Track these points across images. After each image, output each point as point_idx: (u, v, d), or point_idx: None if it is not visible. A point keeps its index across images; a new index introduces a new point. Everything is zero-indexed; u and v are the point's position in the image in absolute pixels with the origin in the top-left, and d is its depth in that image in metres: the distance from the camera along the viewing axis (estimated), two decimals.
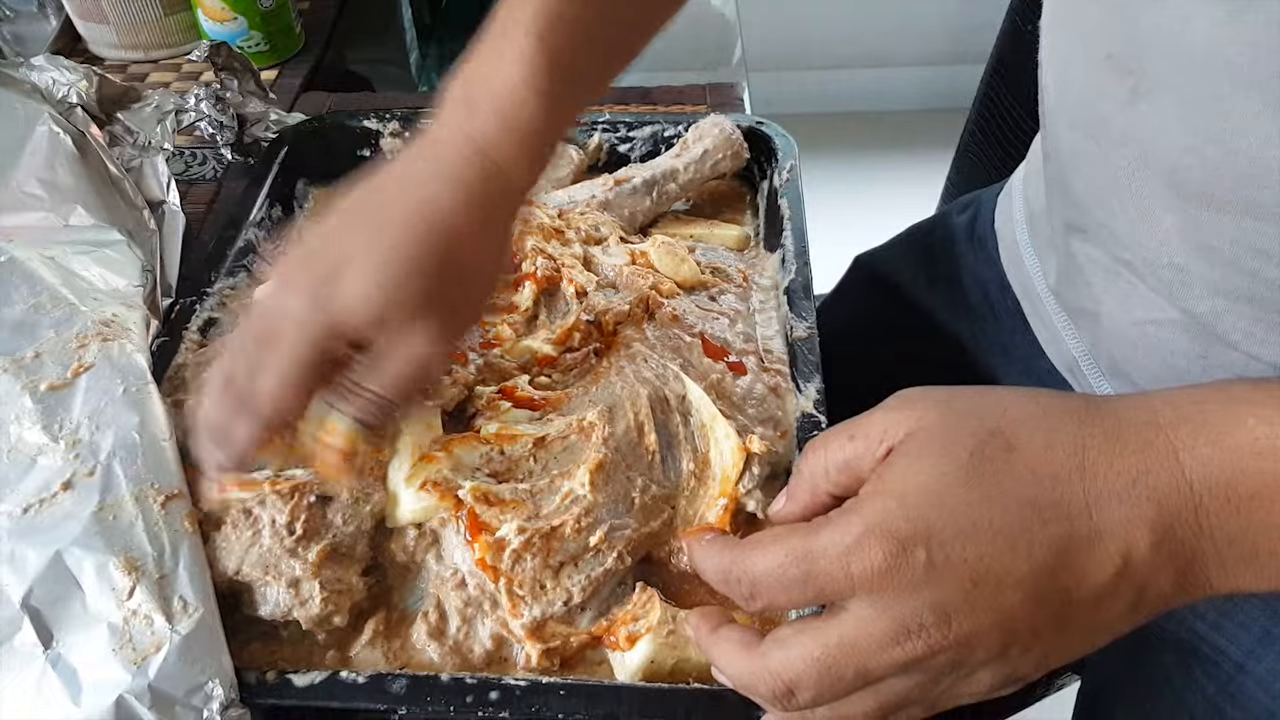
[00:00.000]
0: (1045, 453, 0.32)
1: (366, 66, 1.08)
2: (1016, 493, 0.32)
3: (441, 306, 0.41)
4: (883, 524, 0.31)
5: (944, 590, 0.31)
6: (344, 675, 0.40)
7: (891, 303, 0.70)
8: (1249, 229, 0.38)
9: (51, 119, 0.61)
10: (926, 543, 0.31)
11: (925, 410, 0.34)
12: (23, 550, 0.41)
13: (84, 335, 0.49)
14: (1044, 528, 0.31)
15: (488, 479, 0.46)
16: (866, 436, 0.34)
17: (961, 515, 0.31)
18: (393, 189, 0.43)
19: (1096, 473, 0.32)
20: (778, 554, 0.33)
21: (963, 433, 0.33)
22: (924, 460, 0.33)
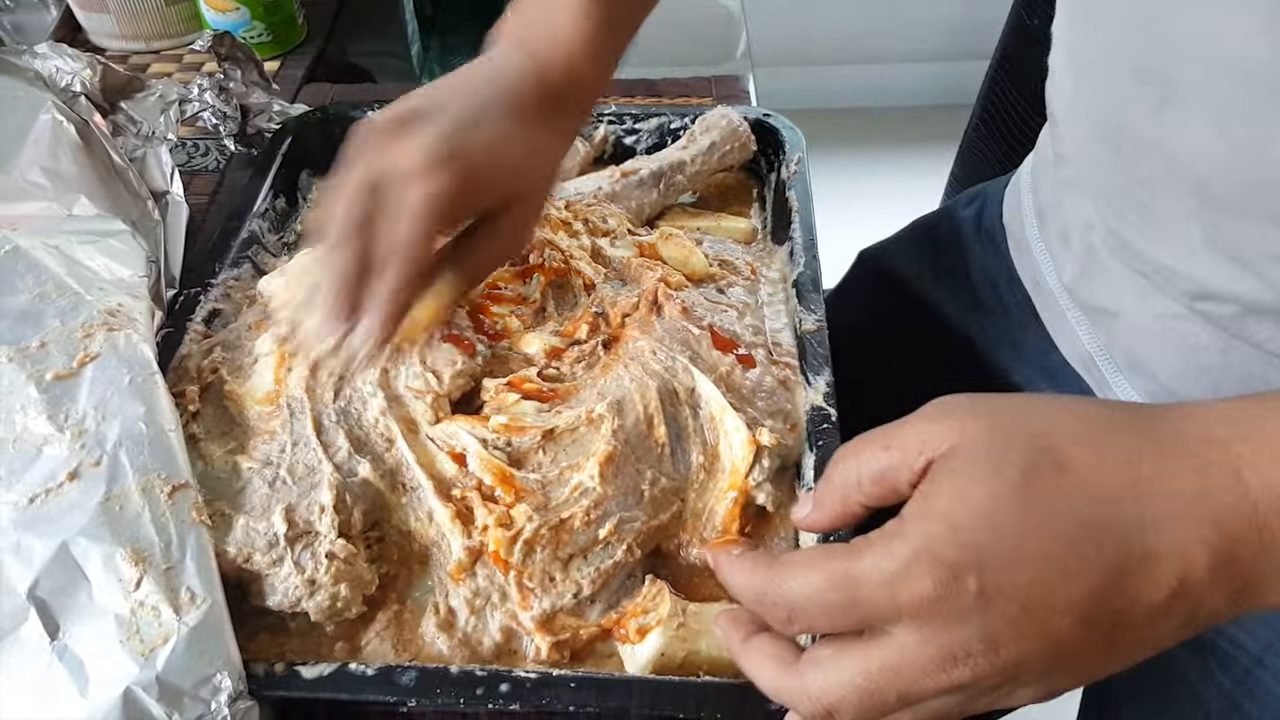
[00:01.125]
0: (1098, 471, 0.31)
1: (368, 58, 1.07)
2: (1069, 515, 0.30)
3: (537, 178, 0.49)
4: (932, 550, 0.30)
5: (993, 619, 0.30)
6: (353, 667, 0.40)
7: (897, 297, 0.70)
8: (1275, 239, 0.38)
9: (55, 107, 0.60)
10: (978, 571, 0.30)
11: (968, 423, 0.33)
12: (29, 541, 0.41)
13: (89, 325, 0.49)
14: (1098, 551, 0.30)
15: (499, 454, 0.46)
16: (904, 448, 0.33)
17: (1013, 541, 0.30)
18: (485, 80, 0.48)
19: (1153, 492, 0.30)
20: (817, 578, 0.32)
21: (1011, 450, 0.31)
22: (972, 481, 0.31)
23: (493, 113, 0.46)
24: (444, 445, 0.47)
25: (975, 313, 0.64)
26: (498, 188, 0.47)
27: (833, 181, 1.21)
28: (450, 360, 0.50)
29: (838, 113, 2.16)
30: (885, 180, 2.01)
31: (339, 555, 0.42)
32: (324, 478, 0.45)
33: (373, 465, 0.46)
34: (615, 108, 0.70)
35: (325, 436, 0.47)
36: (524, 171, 0.48)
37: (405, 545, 0.46)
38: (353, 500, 0.45)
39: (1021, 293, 0.61)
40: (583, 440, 0.47)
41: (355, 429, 0.48)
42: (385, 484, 0.46)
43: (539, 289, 0.55)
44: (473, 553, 0.44)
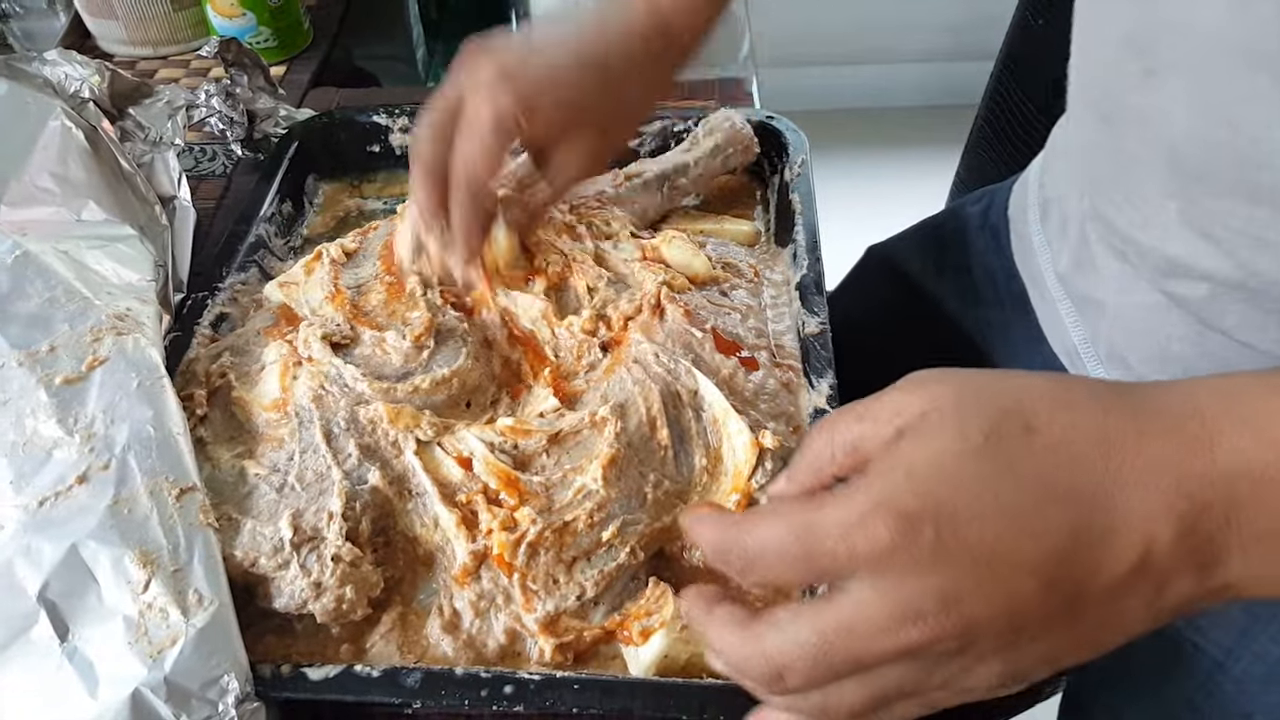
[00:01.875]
0: (1066, 434, 0.30)
1: (374, 62, 1.08)
2: (1033, 474, 0.30)
3: (603, 123, 0.52)
4: (890, 500, 0.29)
5: (950, 573, 0.29)
6: (358, 669, 0.40)
7: (902, 291, 0.70)
8: (1246, 215, 0.38)
9: (64, 113, 0.61)
10: (935, 521, 0.29)
11: (939, 390, 0.32)
12: (39, 543, 0.42)
13: (98, 329, 0.49)
14: (1060, 511, 0.29)
15: (505, 458, 0.47)
16: (876, 417, 0.32)
17: (973, 494, 0.29)
18: (577, 22, 0.52)
19: (1121, 458, 0.30)
20: (777, 528, 0.31)
21: (979, 412, 0.31)
22: (936, 438, 0.31)
23: (568, 45, 0.51)
24: (451, 450, 0.47)
25: (974, 306, 0.65)
26: (554, 111, 0.50)
27: (836, 183, 1.21)
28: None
29: (841, 114, 2.16)
30: (889, 182, 2.01)
31: (345, 558, 0.43)
32: (333, 485, 0.45)
33: (382, 472, 0.47)
34: None
35: (335, 444, 0.47)
36: (583, 101, 0.51)
37: (410, 549, 0.46)
38: (362, 508, 0.45)
39: (1018, 286, 0.61)
40: (586, 443, 0.48)
41: (365, 437, 0.48)
42: (393, 490, 0.46)
43: (541, 292, 0.55)
44: (477, 557, 0.44)
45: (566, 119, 0.51)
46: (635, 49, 0.52)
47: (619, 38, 0.52)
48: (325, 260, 0.57)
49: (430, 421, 0.48)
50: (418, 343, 0.52)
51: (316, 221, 0.68)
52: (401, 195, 0.70)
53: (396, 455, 0.48)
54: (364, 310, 0.55)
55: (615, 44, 0.52)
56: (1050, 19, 1.00)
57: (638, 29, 0.52)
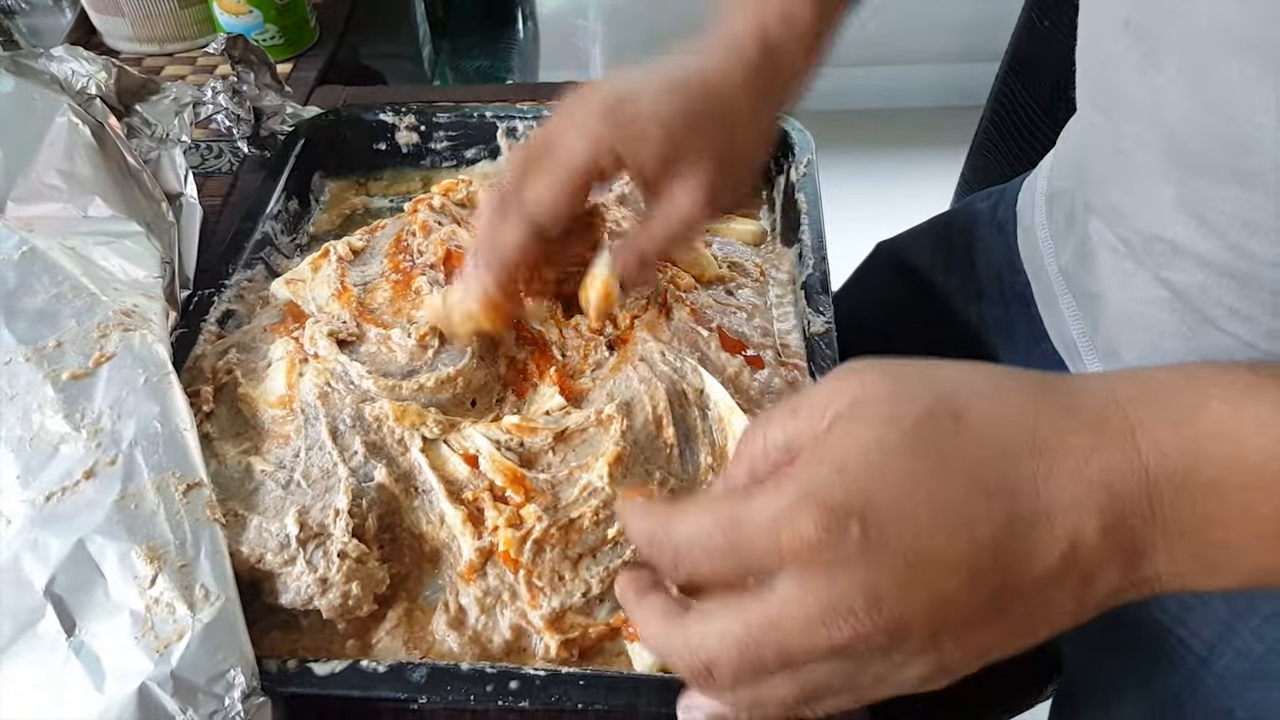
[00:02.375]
0: (995, 425, 0.30)
1: (380, 60, 1.08)
2: (961, 466, 0.29)
3: (715, 158, 0.46)
4: (817, 492, 0.29)
5: (876, 570, 0.28)
6: (364, 664, 0.40)
7: (909, 288, 0.71)
8: (1239, 199, 0.39)
9: (70, 110, 0.61)
10: (862, 516, 0.28)
11: (871, 378, 0.32)
12: (45, 538, 0.42)
13: (105, 325, 0.49)
14: (988, 504, 0.29)
15: (511, 455, 0.47)
16: (810, 409, 0.32)
17: (901, 488, 0.29)
18: (687, 58, 0.48)
19: (1048, 449, 0.30)
20: (704, 520, 0.31)
21: (909, 401, 0.31)
22: (866, 427, 0.30)
23: (675, 80, 0.47)
24: (458, 448, 0.47)
25: (978, 303, 0.65)
26: (660, 146, 0.46)
27: (842, 183, 1.21)
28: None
29: (847, 114, 2.16)
30: (895, 182, 2.00)
31: (351, 554, 0.43)
32: (339, 482, 0.45)
33: (388, 469, 0.47)
34: None
35: (341, 441, 0.47)
36: (691, 140, 0.46)
37: (416, 546, 0.46)
38: (368, 505, 0.45)
39: (1021, 281, 0.62)
40: (592, 441, 0.48)
41: (371, 434, 0.48)
42: (399, 487, 0.47)
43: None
44: (483, 554, 0.44)
45: (673, 154, 0.46)
46: (745, 87, 0.48)
47: (728, 75, 0.48)
48: (332, 258, 0.57)
49: (436, 419, 0.49)
50: (423, 341, 0.52)
51: (323, 219, 0.68)
52: (408, 193, 0.70)
53: (402, 452, 0.48)
54: (370, 308, 0.55)
55: (724, 81, 0.47)
56: (1056, 21, 1.00)
57: (748, 66, 0.48)
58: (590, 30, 1.81)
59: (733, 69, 0.48)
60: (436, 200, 0.62)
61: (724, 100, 0.47)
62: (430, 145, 0.71)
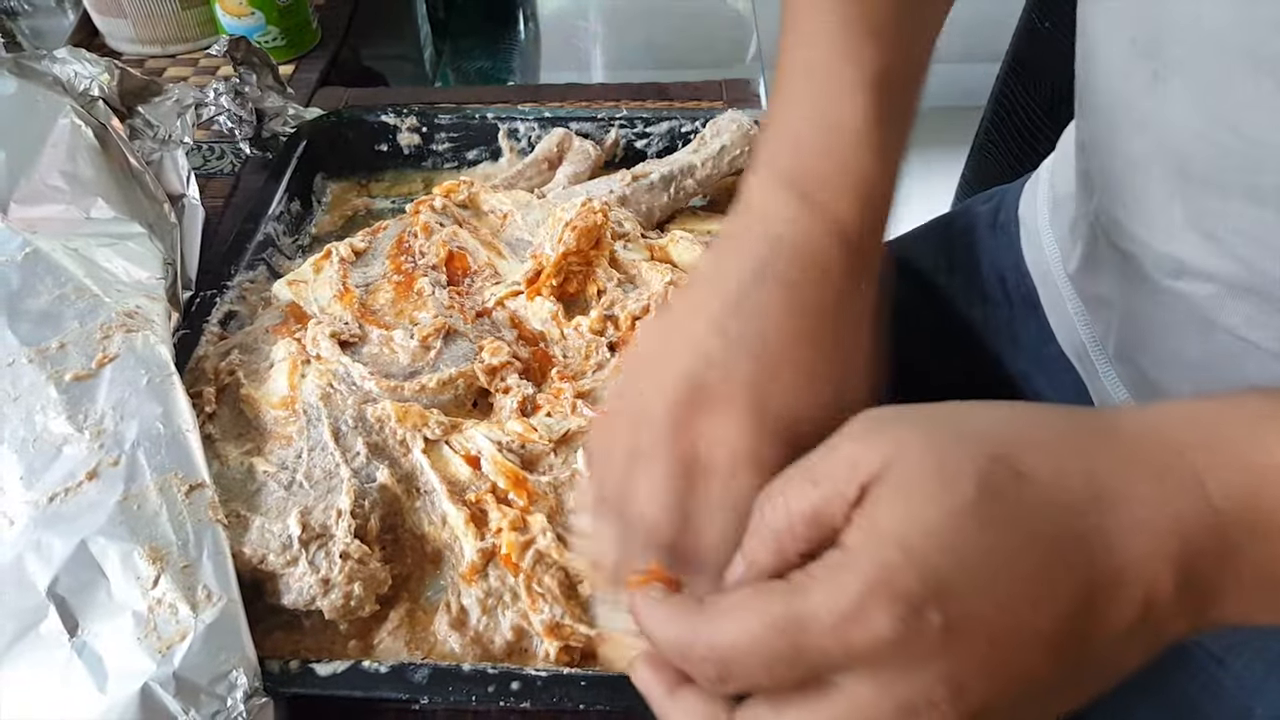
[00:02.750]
0: (1057, 481, 0.28)
1: (382, 62, 1.08)
2: (1032, 530, 0.27)
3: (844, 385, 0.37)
4: (889, 582, 0.26)
5: (959, 658, 0.26)
6: (366, 665, 0.40)
7: (910, 290, 0.70)
8: (1251, 216, 0.38)
9: (73, 112, 0.61)
10: (941, 602, 0.25)
11: (902, 434, 0.28)
12: (49, 539, 0.42)
13: (108, 326, 0.50)
14: (1067, 572, 0.27)
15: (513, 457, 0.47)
16: (833, 477, 0.28)
17: (978, 564, 0.26)
18: (758, 281, 0.37)
19: (1115, 502, 0.28)
20: (754, 624, 0.27)
21: (961, 460, 0.27)
22: (922, 497, 0.27)
23: (801, 338, 0.36)
24: (459, 449, 0.48)
25: (982, 305, 0.65)
26: (820, 432, 0.34)
27: None
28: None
29: None
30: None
31: (353, 555, 0.43)
32: (342, 483, 0.45)
33: (390, 470, 0.47)
34: (626, 111, 0.70)
35: (343, 442, 0.48)
36: (847, 394, 0.37)
37: (418, 547, 0.46)
38: (370, 505, 0.45)
39: (1027, 285, 0.61)
40: None
41: (373, 435, 0.48)
42: (401, 488, 0.47)
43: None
44: (485, 555, 0.44)
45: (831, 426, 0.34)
46: (850, 282, 0.38)
47: (838, 277, 0.38)
48: (334, 259, 0.58)
49: (438, 420, 0.49)
50: (425, 342, 0.52)
51: (324, 220, 0.68)
52: (409, 195, 0.70)
53: (404, 453, 0.48)
54: (372, 309, 0.55)
55: (833, 287, 0.37)
56: (1057, 22, 1.00)
57: (852, 252, 0.38)
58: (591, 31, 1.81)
59: (829, 285, 0.37)
60: (438, 201, 0.62)
61: (834, 349, 0.37)
62: (432, 146, 0.71)
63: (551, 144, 0.68)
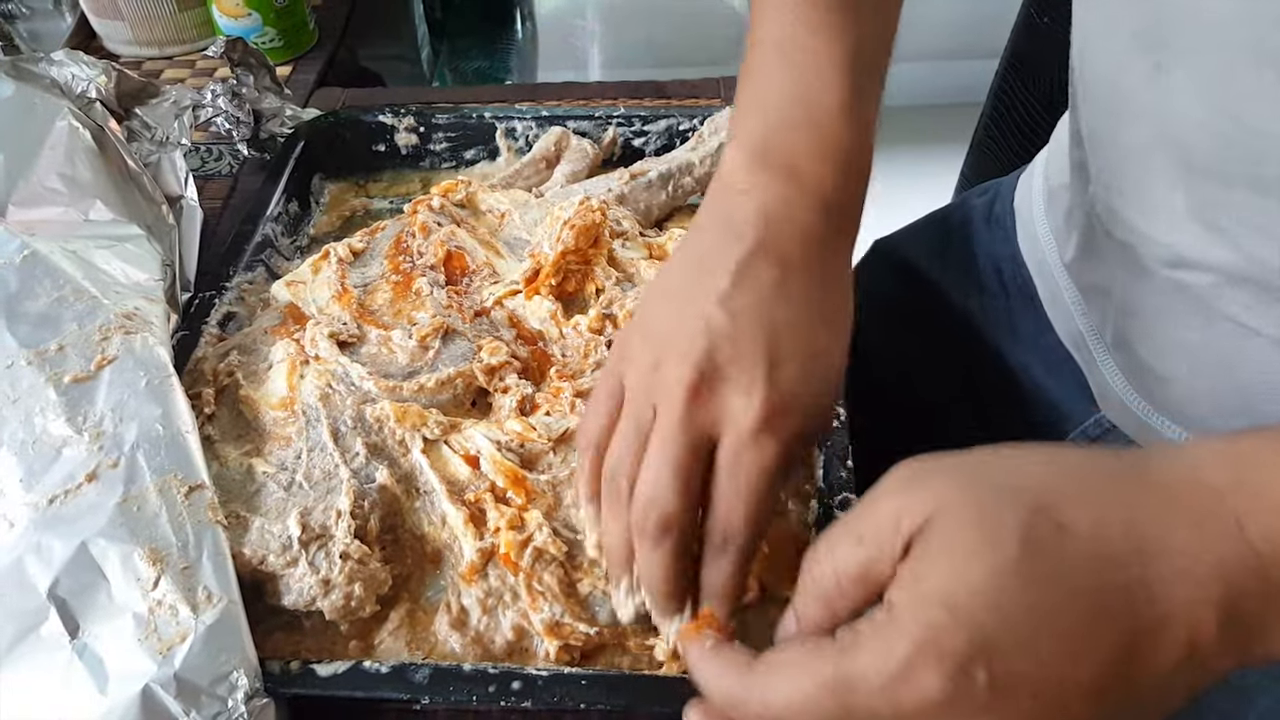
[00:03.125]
0: (1098, 532, 0.28)
1: (379, 62, 1.08)
2: (1074, 585, 0.27)
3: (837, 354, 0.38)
4: (936, 641, 0.26)
5: (1004, 714, 0.26)
6: (367, 665, 0.40)
7: (907, 284, 0.71)
8: (1254, 206, 0.38)
9: (71, 114, 0.61)
10: (987, 660, 0.26)
11: (942, 489, 0.29)
12: (49, 541, 0.42)
13: (106, 328, 0.49)
14: (1111, 624, 0.27)
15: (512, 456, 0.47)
16: (878, 535, 0.29)
17: (1021, 622, 0.27)
18: (749, 263, 0.38)
19: (1156, 552, 0.28)
20: (805, 683, 0.28)
21: (1003, 515, 0.28)
22: (966, 555, 0.28)
23: (795, 305, 0.38)
24: (459, 449, 0.48)
25: (979, 297, 0.65)
26: (827, 399, 0.39)
27: None
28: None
29: None
30: (894, 179, 2.00)
31: (353, 556, 0.43)
32: (341, 483, 0.45)
33: (389, 470, 0.47)
34: (624, 110, 0.70)
35: (342, 443, 0.48)
36: (841, 354, 0.39)
37: (418, 547, 0.46)
38: (370, 506, 0.45)
39: (1023, 276, 0.62)
40: None
41: (372, 435, 0.48)
42: (400, 488, 0.47)
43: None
44: (485, 555, 0.44)
45: (817, 394, 0.38)
46: (837, 247, 0.40)
47: (821, 248, 0.39)
48: (332, 259, 0.58)
49: (437, 420, 0.49)
50: (424, 342, 0.52)
51: (323, 221, 0.68)
52: (407, 195, 0.70)
53: (404, 454, 0.48)
54: (370, 309, 0.55)
55: (819, 257, 0.39)
56: (1055, 17, 1.00)
57: (833, 219, 0.40)
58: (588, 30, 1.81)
59: (815, 256, 0.39)
60: (436, 201, 0.62)
61: (830, 323, 0.39)
62: (429, 146, 0.71)
63: (549, 143, 0.68)
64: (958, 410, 0.65)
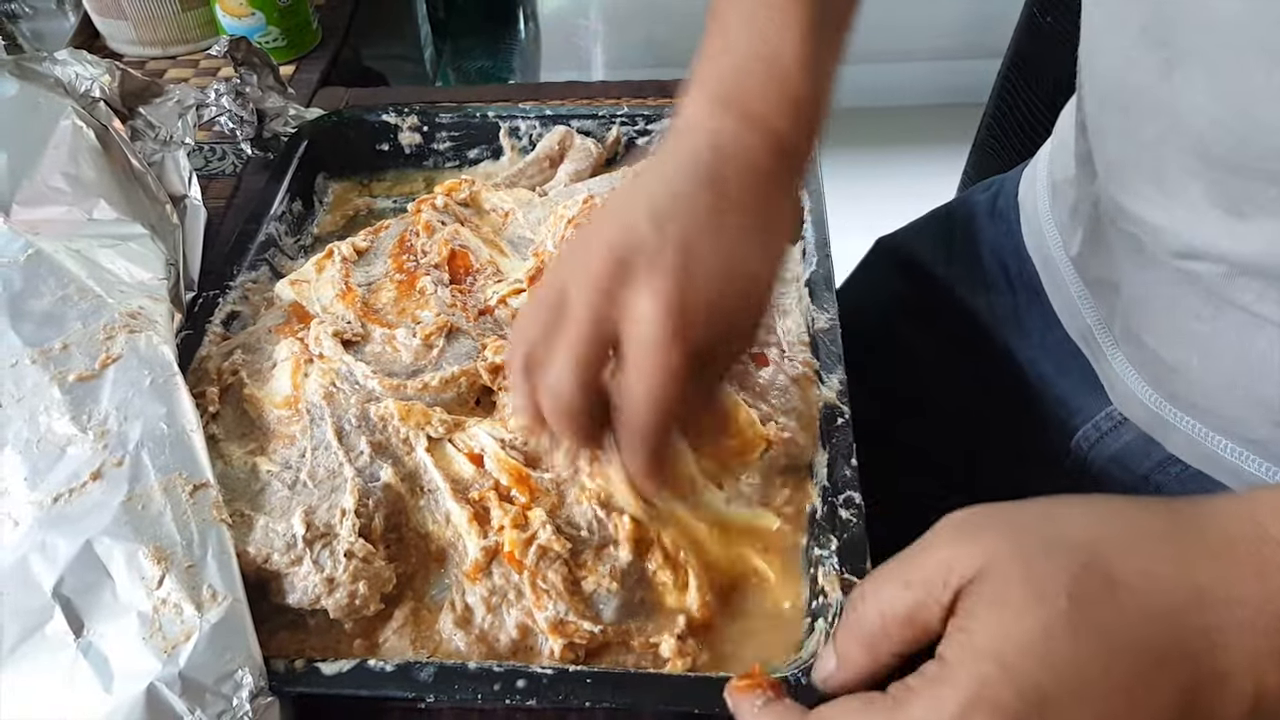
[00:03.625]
0: (1151, 585, 0.28)
1: (382, 62, 1.08)
2: (1130, 639, 0.27)
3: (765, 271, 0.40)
4: (987, 696, 0.27)
5: None
6: (371, 664, 0.40)
7: (912, 281, 0.70)
8: (1273, 195, 0.38)
9: (75, 113, 0.61)
10: (1041, 715, 0.26)
11: (991, 542, 0.29)
12: (53, 539, 0.42)
13: (111, 327, 0.50)
14: (1169, 676, 0.27)
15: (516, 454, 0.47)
16: (927, 582, 0.30)
17: (1073, 675, 0.27)
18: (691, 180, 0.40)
19: (1215, 602, 0.28)
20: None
21: (1052, 569, 0.28)
22: (1016, 610, 0.28)
23: (727, 230, 0.39)
24: (463, 447, 0.48)
25: (984, 292, 0.65)
26: (747, 318, 0.41)
27: (844, 180, 1.21)
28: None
29: (849, 112, 2.14)
30: (897, 179, 2.00)
31: (357, 554, 0.43)
32: (346, 482, 0.45)
33: (394, 469, 0.47)
34: (627, 109, 0.70)
35: (347, 441, 0.48)
36: (768, 287, 0.41)
37: (422, 545, 0.46)
38: (374, 504, 0.45)
39: (1029, 270, 0.62)
40: None
41: (377, 434, 0.48)
42: (405, 487, 0.47)
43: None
44: (489, 553, 0.44)
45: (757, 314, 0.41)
46: (779, 183, 0.42)
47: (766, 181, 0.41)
48: (336, 258, 0.58)
49: (441, 419, 0.49)
50: (428, 341, 0.52)
51: (326, 220, 0.68)
52: (411, 194, 0.70)
53: (408, 452, 0.48)
54: (375, 308, 0.55)
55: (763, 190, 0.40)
56: (1058, 17, 1.00)
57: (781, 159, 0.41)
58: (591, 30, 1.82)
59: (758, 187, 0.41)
60: (440, 200, 0.62)
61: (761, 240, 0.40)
62: (433, 146, 0.71)
63: (553, 142, 0.68)
64: (965, 407, 0.65)
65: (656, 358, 0.36)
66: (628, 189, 0.42)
